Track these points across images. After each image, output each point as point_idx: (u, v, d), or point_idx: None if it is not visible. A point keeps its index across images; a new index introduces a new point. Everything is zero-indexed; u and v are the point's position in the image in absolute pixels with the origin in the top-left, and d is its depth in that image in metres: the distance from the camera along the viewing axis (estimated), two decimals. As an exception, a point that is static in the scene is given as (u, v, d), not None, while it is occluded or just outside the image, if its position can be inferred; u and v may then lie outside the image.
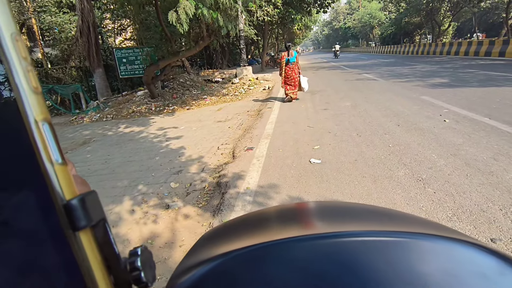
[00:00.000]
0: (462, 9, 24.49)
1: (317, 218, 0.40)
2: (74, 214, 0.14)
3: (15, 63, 0.13)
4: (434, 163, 2.90)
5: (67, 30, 12.62)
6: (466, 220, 1.98)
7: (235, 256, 0.28)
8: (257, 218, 0.43)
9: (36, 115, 0.13)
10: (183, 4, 5.53)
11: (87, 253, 0.14)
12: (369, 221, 0.36)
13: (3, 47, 0.13)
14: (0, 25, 0.13)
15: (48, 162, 0.13)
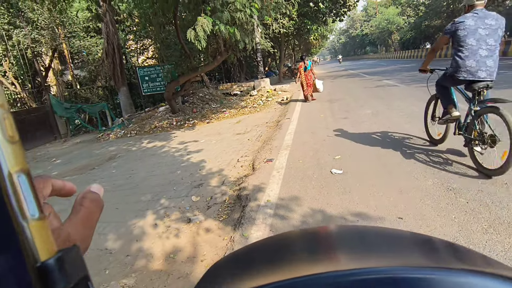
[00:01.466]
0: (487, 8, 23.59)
1: (342, 247, 0.37)
2: (50, 276, 0.12)
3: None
4: (466, 172, 2.73)
5: (94, 52, 13.41)
6: (504, 233, 1.83)
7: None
8: (276, 246, 0.40)
9: (11, 166, 0.12)
10: (200, 22, 5.71)
11: None
12: (402, 252, 0.33)
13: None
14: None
15: (21, 218, 0.12)
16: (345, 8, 15.98)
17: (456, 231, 1.92)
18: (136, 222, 2.84)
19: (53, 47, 12.69)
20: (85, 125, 10.73)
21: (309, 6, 14.44)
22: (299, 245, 0.40)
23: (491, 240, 1.79)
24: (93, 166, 5.61)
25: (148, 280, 1.99)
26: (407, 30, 37.54)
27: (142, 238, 2.54)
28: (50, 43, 12.20)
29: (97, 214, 0.26)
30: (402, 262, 0.29)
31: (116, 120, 10.81)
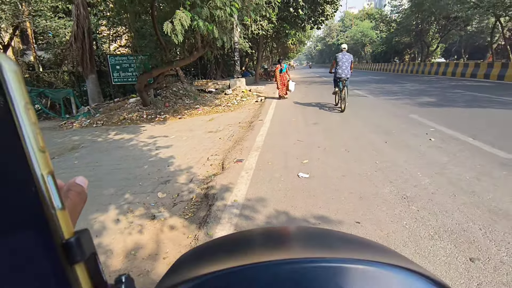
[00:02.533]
0: (450, 32, 25.49)
1: (294, 243, 0.42)
2: (71, 251, 0.17)
3: (27, 128, 0.16)
4: (419, 181, 2.96)
5: (62, 34, 12.58)
6: (448, 239, 2.02)
7: (208, 279, 0.30)
8: (237, 240, 0.45)
9: (43, 169, 0.16)
10: (179, 15, 5.60)
11: (81, 282, 0.17)
12: (342, 249, 0.40)
13: (18, 116, 0.16)
14: (16, 97, 0.16)
15: (51, 208, 0.17)
16: (323, 17, 16.45)
17: (406, 236, 2.08)
18: (97, 216, 2.73)
19: (14, 24, 11.73)
20: (46, 111, 10.04)
21: (289, 11, 14.67)
22: (258, 240, 0.45)
23: (435, 246, 1.96)
24: (53, 156, 5.28)
25: (107, 276, 1.93)
26: (379, 44, 39.48)
27: (102, 233, 2.45)
28: (11, 20, 11.26)
29: (81, 206, 0.26)
30: (339, 255, 0.36)
31: (81, 108, 10.23)
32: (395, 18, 32.20)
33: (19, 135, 0.16)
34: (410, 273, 0.31)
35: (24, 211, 0.16)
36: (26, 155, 0.16)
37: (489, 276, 1.67)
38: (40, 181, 0.16)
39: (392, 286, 0.29)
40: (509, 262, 1.77)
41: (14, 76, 0.16)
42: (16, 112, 0.16)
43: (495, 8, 16.32)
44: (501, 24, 18.31)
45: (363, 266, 0.30)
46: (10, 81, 0.16)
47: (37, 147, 0.17)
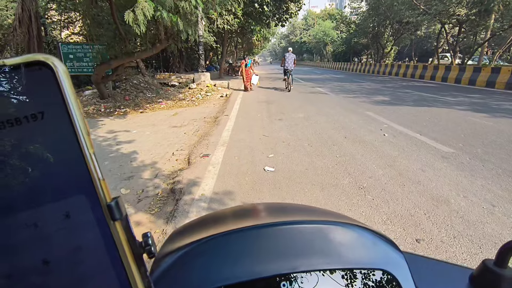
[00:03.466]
0: (402, 35, 27.44)
1: (260, 214, 0.51)
2: (112, 210, 0.22)
3: (78, 117, 0.21)
4: (374, 173, 3.23)
5: (3, 17, 11.32)
6: (398, 223, 2.25)
7: (194, 247, 0.38)
8: (215, 216, 0.53)
9: (89, 149, 0.21)
10: (141, 4, 5.37)
11: (119, 234, 0.22)
12: (297, 214, 0.51)
13: (70, 107, 0.21)
14: (68, 91, 0.21)
15: (97, 179, 0.21)
16: (287, 14, 16.76)
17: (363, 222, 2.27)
18: (54, 215, 2.58)
19: None
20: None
21: (254, 7, 14.72)
22: (233, 214, 0.54)
23: (387, 230, 2.17)
24: None
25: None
26: (339, 44, 41.22)
27: (61, 232, 2.33)
28: None
29: None
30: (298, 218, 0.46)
31: (28, 100, 9.36)
32: (354, 19, 33.82)
33: (72, 122, 0.21)
34: (350, 225, 0.40)
35: (80, 180, 0.21)
36: (78, 138, 0.21)
37: (431, 254, 1.90)
38: (88, 159, 0.21)
39: (338, 236, 0.39)
40: (447, 241, 2.03)
41: (65, 76, 0.21)
42: (69, 104, 0.20)
43: (441, 15, 17.92)
44: (445, 30, 20.17)
45: (314, 225, 0.40)
46: (64, 80, 0.20)
47: (85, 131, 0.21)
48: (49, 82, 0.20)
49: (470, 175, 3.12)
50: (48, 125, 0.20)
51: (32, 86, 0.20)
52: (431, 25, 25.76)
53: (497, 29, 16.91)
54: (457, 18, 18.13)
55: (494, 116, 6.03)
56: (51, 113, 0.20)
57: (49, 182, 0.20)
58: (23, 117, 0.19)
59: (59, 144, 0.20)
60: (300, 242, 0.37)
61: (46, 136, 0.20)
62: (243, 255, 0.36)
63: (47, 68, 0.20)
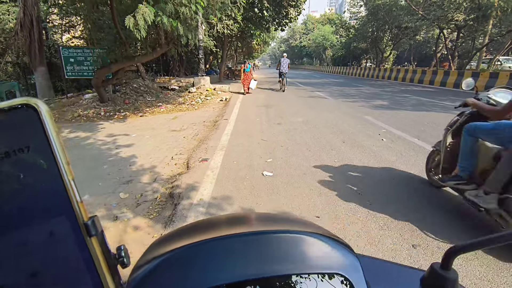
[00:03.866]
0: (401, 40, 27.62)
1: (233, 224, 0.55)
2: (89, 228, 0.25)
3: (58, 148, 0.24)
4: (372, 178, 3.24)
5: (4, 21, 11.40)
6: (394, 229, 2.26)
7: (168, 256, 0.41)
8: (191, 226, 0.57)
9: (69, 176, 0.24)
10: (142, 10, 5.42)
11: (95, 248, 0.25)
12: (268, 224, 0.55)
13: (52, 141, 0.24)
14: (50, 127, 0.24)
15: (75, 202, 0.24)
16: (287, 19, 16.87)
17: (360, 228, 2.29)
18: (52, 219, 2.58)
19: None
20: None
21: (254, 12, 14.82)
22: (215, 223, 0.58)
23: (384, 235, 2.18)
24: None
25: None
26: (339, 48, 41.43)
27: (59, 236, 2.34)
28: None
29: None
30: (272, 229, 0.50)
31: (29, 103, 9.39)
32: (354, 24, 34.02)
33: (53, 154, 0.24)
34: (312, 234, 0.44)
35: (61, 203, 0.24)
36: (59, 167, 0.24)
37: (428, 260, 1.91)
38: (68, 185, 0.25)
39: (301, 244, 0.43)
40: (444, 247, 2.04)
41: (47, 114, 0.25)
42: (50, 138, 0.24)
43: (439, 21, 18.05)
44: (444, 35, 20.30)
45: (281, 235, 0.44)
46: (46, 118, 0.24)
47: (65, 161, 0.25)
48: (34, 120, 0.23)
49: (467, 181, 3.13)
50: (34, 156, 0.23)
51: (20, 124, 0.23)
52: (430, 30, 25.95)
53: (495, 35, 17.03)
54: (455, 24, 18.27)
55: (492, 121, 6.05)
56: (36, 146, 0.23)
57: (35, 206, 0.24)
58: (12, 150, 0.23)
59: (43, 172, 0.24)
60: (267, 250, 0.41)
61: (32, 166, 0.24)
62: (213, 264, 0.40)
63: (33, 109, 0.23)
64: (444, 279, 0.39)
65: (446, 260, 0.40)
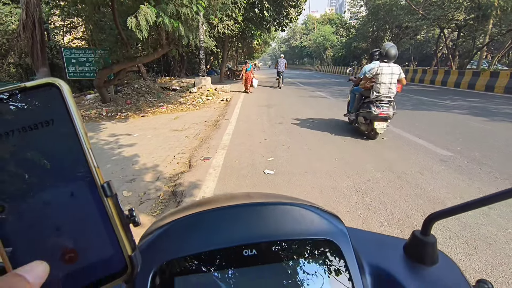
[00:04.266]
0: (402, 40, 27.63)
1: (232, 200, 0.60)
2: (105, 190, 0.27)
3: (82, 132, 0.28)
4: (372, 176, 3.27)
5: (7, 22, 11.46)
6: (395, 225, 2.29)
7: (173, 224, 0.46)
8: (206, 200, 0.63)
9: (88, 146, 0.27)
10: (143, 11, 5.46)
11: (111, 208, 0.28)
12: (262, 198, 0.59)
13: (75, 124, 0.27)
14: (73, 109, 0.27)
15: (93, 167, 0.27)
16: (287, 19, 16.92)
17: (361, 224, 2.32)
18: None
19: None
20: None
21: (254, 12, 14.87)
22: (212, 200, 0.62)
23: (384, 231, 2.21)
24: None
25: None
26: (339, 48, 41.46)
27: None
28: None
29: None
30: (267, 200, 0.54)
31: (31, 104, 9.44)
32: (354, 24, 34.06)
33: (74, 126, 0.27)
34: (303, 205, 0.49)
35: (81, 168, 0.28)
36: (78, 137, 0.27)
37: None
38: (86, 152, 0.28)
39: (293, 214, 0.47)
40: (443, 242, 2.07)
41: (68, 93, 0.28)
42: (71, 112, 0.28)
43: (440, 20, 18.06)
44: (444, 35, 20.32)
45: (274, 206, 0.49)
46: (67, 96, 0.28)
47: (84, 132, 0.28)
48: (57, 97, 0.27)
49: (468, 178, 3.16)
50: (57, 128, 0.27)
51: (45, 100, 0.28)
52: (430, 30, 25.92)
53: (496, 34, 17.03)
54: (455, 23, 18.28)
55: (492, 120, 6.08)
56: (59, 119, 0.27)
57: (59, 170, 0.27)
58: (39, 122, 0.27)
59: (65, 142, 0.28)
60: (263, 219, 0.46)
61: (56, 137, 0.28)
62: (214, 230, 0.45)
63: (56, 88, 0.27)
64: (424, 243, 0.44)
65: (425, 227, 0.44)
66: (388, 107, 4.47)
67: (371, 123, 4.56)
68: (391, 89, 4.50)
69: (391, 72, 4.50)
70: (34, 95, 0.27)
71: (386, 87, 4.49)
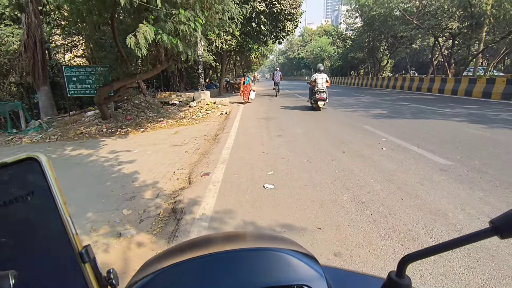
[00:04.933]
0: (397, 49, 28.00)
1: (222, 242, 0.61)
2: (83, 256, 0.29)
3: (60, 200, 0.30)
4: (372, 188, 3.26)
5: (8, 43, 11.67)
6: (396, 238, 2.27)
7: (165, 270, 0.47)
8: (185, 245, 0.63)
9: (66, 214, 0.29)
10: (142, 29, 5.58)
11: (89, 273, 0.29)
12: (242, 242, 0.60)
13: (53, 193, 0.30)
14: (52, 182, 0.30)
15: (71, 234, 0.29)
16: (284, 32, 17.18)
17: (362, 238, 2.30)
18: (57, 238, 2.61)
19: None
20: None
21: (251, 26, 15.15)
22: (201, 243, 0.63)
23: (386, 245, 2.20)
24: None
25: None
26: (336, 59, 41.97)
27: (64, 255, 2.35)
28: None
29: None
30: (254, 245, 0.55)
31: (32, 122, 9.51)
32: (350, 35, 34.58)
33: (53, 195, 0.30)
34: (279, 250, 0.49)
35: (60, 236, 0.30)
36: (57, 206, 0.30)
37: (429, 269, 1.92)
38: (65, 220, 0.30)
39: (269, 259, 0.48)
40: (445, 255, 2.05)
41: (48, 165, 0.30)
42: (50, 183, 0.30)
43: (434, 29, 18.36)
44: (439, 43, 20.61)
45: (251, 252, 0.50)
46: (47, 168, 0.30)
47: (62, 201, 0.31)
48: (36, 170, 0.30)
49: (468, 188, 3.15)
50: (37, 199, 0.30)
51: (25, 174, 0.30)
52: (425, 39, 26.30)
53: (490, 41, 17.27)
54: (449, 32, 18.57)
55: (491, 127, 6.10)
56: (39, 191, 0.30)
57: (39, 238, 0.30)
58: (20, 196, 0.30)
59: (45, 212, 0.30)
60: (240, 267, 0.47)
61: (36, 208, 0.30)
62: (191, 282, 0.45)
63: (35, 161, 0.30)
64: (399, 286, 0.44)
65: (399, 269, 0.44)
66: (323, 94, 9.60)
67: (315, 103, 9.78)
68: (322, 85, 9.55)
69: (321, 77, 9.57)
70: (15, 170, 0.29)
71: (320, 84, 9.54)
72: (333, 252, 2.15)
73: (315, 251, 2.16)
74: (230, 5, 7.77)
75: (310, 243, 2.27)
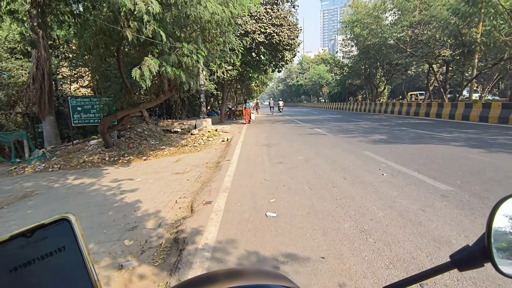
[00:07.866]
0: (393, 76, 28.82)
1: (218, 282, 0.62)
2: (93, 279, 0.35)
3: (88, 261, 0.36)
4: (375, 215, 3.26)
5: (18, 75, 12.12)
6: (401, 268, 2.25)
7: None
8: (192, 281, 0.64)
9: (90, 264, 0.37)
10: (147, 62, 5.84)
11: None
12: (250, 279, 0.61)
13: (83, 254, 0.36)
14: (81, 241, 0.37)
15: (95, 281, 0.35)
16: (283, 61, 17.84)
17: (366, 268, 2.28)
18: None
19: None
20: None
21: (251, 56, 15.77)
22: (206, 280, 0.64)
23: (390, 275, 2.17)
24: (1, 205, 4.87)
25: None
26: (334, 85, 43.04)
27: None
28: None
29: None
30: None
31: (35, 151, 9.63)
32: (347, 63, 35.74)
33: (80, 249, 0.36)
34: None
35: (84, 284, 0.35)
36: (83, 258, 0.36)
37: (435, 300, 1.89)
38: (90, 269, 0.36)
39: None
40: (451, 285, 2.03)
41: (76, 223, 0.37)
42: (78, 240, 0.36)
43: (427, 57, 19.03)
44: (433, 69, 21.25)
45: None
46: (76, 226, 0.36)
47: (87, 252, 0.36)
48: (68, 229, 0.35)
49: (470, 214, 3.15)
50: (68, 253, 0.35)
51: (60, 231, 0.36)
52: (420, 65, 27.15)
53: (482, 68, 17.83)
54: (443, 59, 19.23)
55: (490, 151, 6.15)
56: (69, 245, 0.35)
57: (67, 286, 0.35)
58: (54, 250, 0.35)
59: (74, 263, 0.35)
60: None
61: (67, 259, 0.35)
62: None
63: (67, 221, 0.36)
64: None
65: None
66: None
67: None
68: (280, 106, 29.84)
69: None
70: (50, 229, 0.36)
71: None
72: (337, 283, 2.12)
73: (319, 282, 2.14)
74: (231, 37, 8.16)
75: (314, 274, 2.24)
